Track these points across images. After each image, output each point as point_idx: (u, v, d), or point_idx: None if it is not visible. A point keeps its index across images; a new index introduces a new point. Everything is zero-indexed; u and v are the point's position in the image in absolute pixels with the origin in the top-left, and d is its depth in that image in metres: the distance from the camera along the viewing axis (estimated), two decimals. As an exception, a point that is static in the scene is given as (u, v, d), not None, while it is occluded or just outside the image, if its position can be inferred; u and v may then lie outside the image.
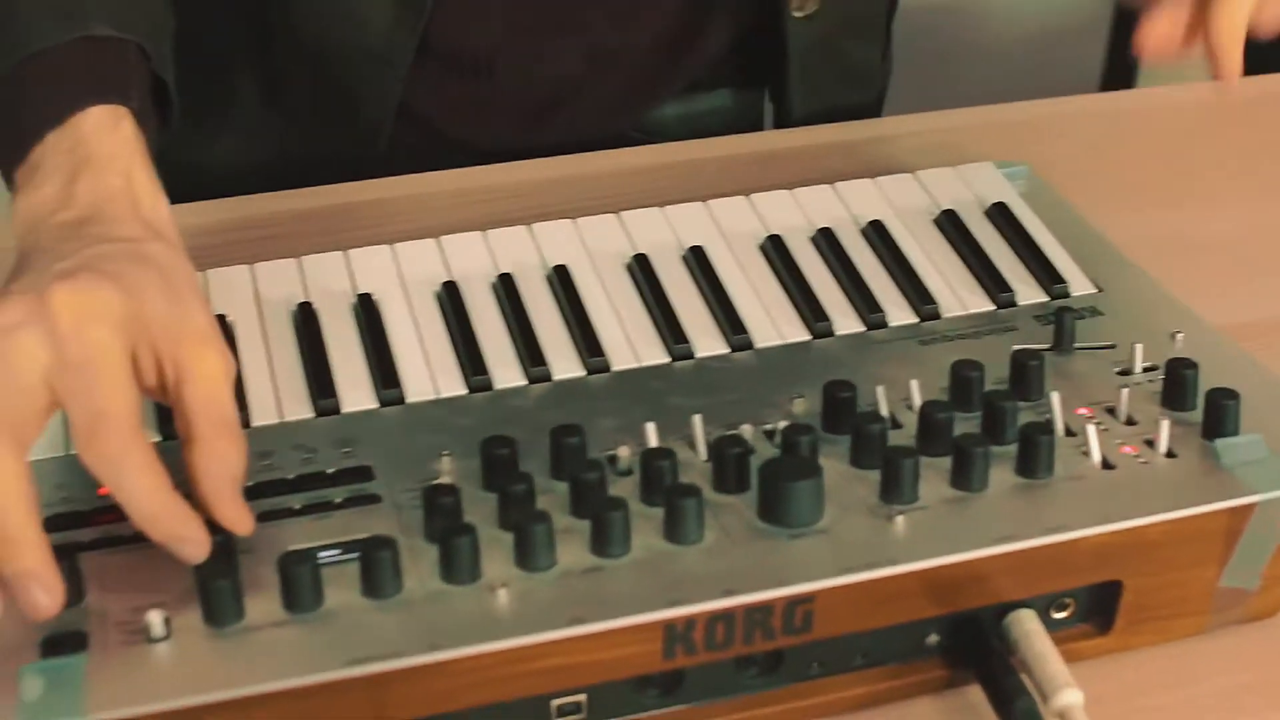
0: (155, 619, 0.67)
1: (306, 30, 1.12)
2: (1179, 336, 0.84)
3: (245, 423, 0.80)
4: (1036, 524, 0.72)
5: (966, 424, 0.77)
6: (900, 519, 0.72)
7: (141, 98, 0.82)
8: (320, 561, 0.69)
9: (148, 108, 0.83)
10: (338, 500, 0.74)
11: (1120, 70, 1.89)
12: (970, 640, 0.74)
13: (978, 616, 0.74)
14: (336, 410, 0.81)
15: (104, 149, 0.78)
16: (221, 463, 0.70)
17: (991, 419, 0.77)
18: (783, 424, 0.77)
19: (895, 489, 0.73)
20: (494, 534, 0.71)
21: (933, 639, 0.75)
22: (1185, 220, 1.05)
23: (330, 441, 0.79)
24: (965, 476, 0.74)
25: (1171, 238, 1.00)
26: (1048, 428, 0.75)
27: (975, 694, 0.75)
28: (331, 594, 0.69)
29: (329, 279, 0.89)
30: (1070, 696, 0.71)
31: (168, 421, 0.77)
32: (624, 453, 0.76)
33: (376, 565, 0.68)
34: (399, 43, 1.10)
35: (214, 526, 0.69)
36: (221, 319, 0.85)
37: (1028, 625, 0.74)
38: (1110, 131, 1.14)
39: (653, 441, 0.76)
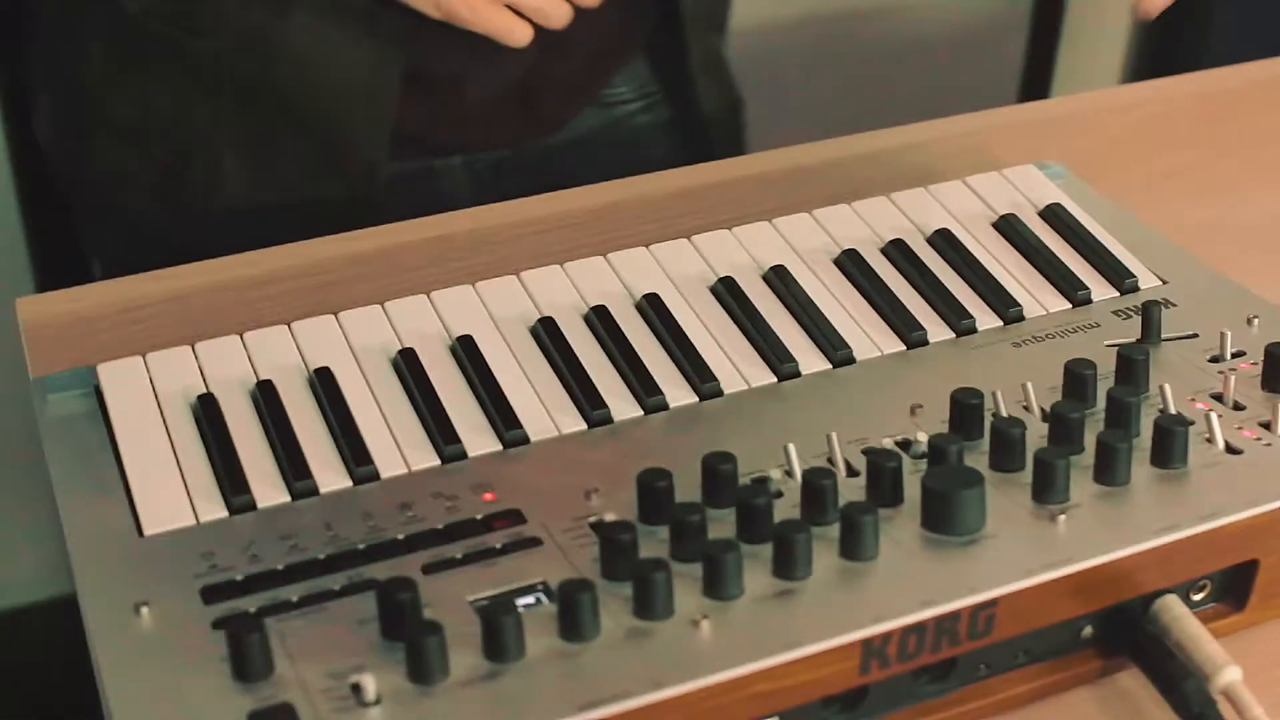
0: (368, 684, 0.66)
1: (292, 86, 1.12)
2: (1256, 321, 0.87)
3: (375, 475, 0.79)
4: (1188, 514, 0.75)
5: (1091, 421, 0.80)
6: (1061, 519, 0.74)
7: None
8: (517, 610, 0.69)
9: None
10: (498, 546, 0.75)
11: (1040, 71, 1.94)
12: (1125, 629, 0.77)
13: (1126, 606, 0.77)
14: (463, 455, 0.81)
15: None
16: None
17: (1116, 414, 0.79)
18: (911, 436, 0.79)
19: (1048, 490, 0.75)
20: (674, 567, 0.72)
21: (1087, 631, 0.77)
22: (1217, 209, 1.09)
23: (468, 487, 0.79)
24: (1110, 472, 0.76)
25: (1208, 226, 1.03)
26: (1183, 419, 0.77)
27: (1127, 680, 0.78)
28: (530, 641, 0.69)
29: (421, 322, 0.88)
30: (1231, 674, 0.74)
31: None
32: (776, 474, 0.77)
33: (577, 608, 0.69)
34: (385, 75, 1.11)
35: (385, 592, 0.69)
36: (326, 370, 0.84)
37: (1176, 610, 0.76)
38: (1128, 126, 1.17)
39: (798, 462, 0.78)
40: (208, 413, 0.82)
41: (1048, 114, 1.18)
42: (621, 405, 0.83)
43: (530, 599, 0.71)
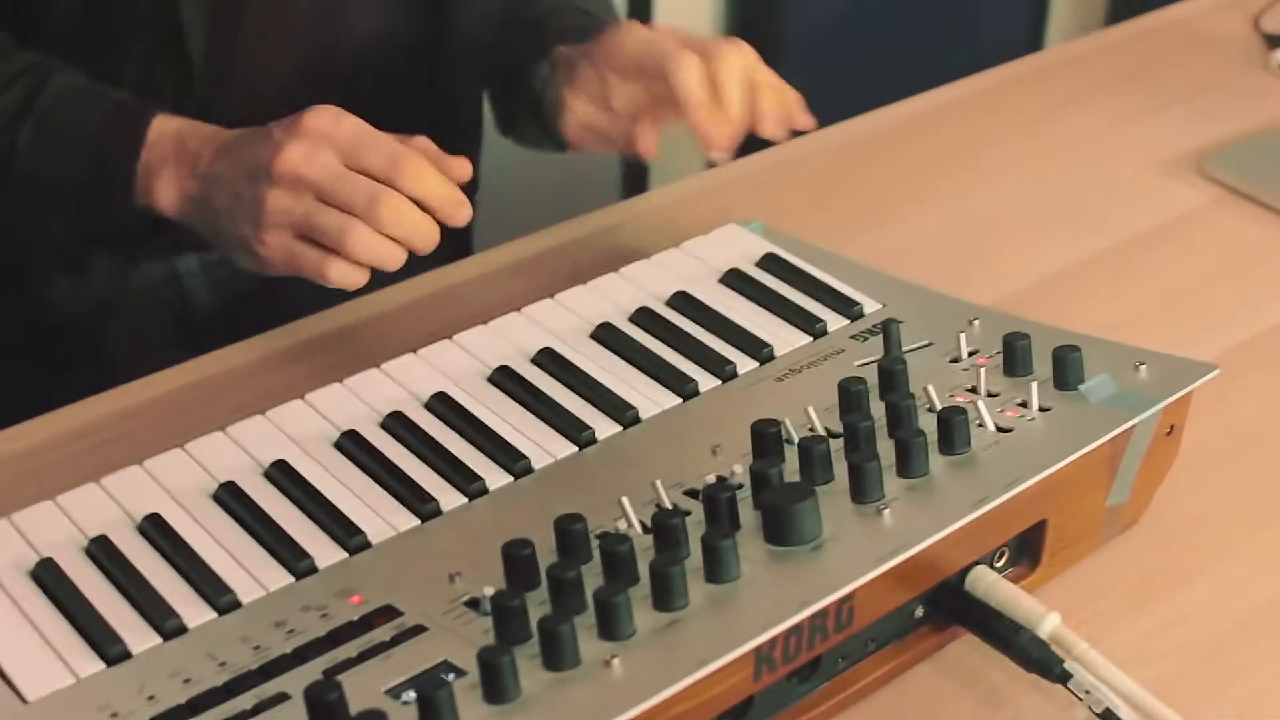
0: (330, 778, 0.69)
1: None
2: (976, 322, 0.98)
3: (237, 602, 0.81)
4: (988, 488, 0.84)
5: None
6: (885, 513, 0.82)
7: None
8: (449, 683, 0.72)
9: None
10: (388, 639, 0.78)
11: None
12: (950, 604, 0.86)
13: (947, 583, 0.86)
14: (314, 569, 0.83)
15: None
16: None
17: (898, 416, 0.88)
18: (722, 473, 0.86)
19: (866, 491, 0.83)
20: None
21: (919, 612, 0.86)
22: (891, 234, 1.21)
23: (332, 595, 0.81)
24: (910, 466, 0.85)
25: (890, 251, 1.15)
26: (960, 409, 0.87)
27: (956, 649, 0.87)
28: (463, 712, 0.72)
29: (227, 457, 0.90)
30: (1053, 620, 0.83)
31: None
32: (621, 526, 0.83)
33: (500, 671, 0.72)
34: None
35: (315, 696, 0.71)
36: (155, 515, 0.86)
37: (989, 578, 0.86)
38: (796, 179, 1.29)
39: (633, 513, 0.83)
40: (50, 575, 0.82)
41: (710, 183, 1.28)
42: (446, 497, 0.88)
43: (446, 676, 0.75)
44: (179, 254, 1.25)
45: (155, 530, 0.85)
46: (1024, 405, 0.90)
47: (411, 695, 0.73)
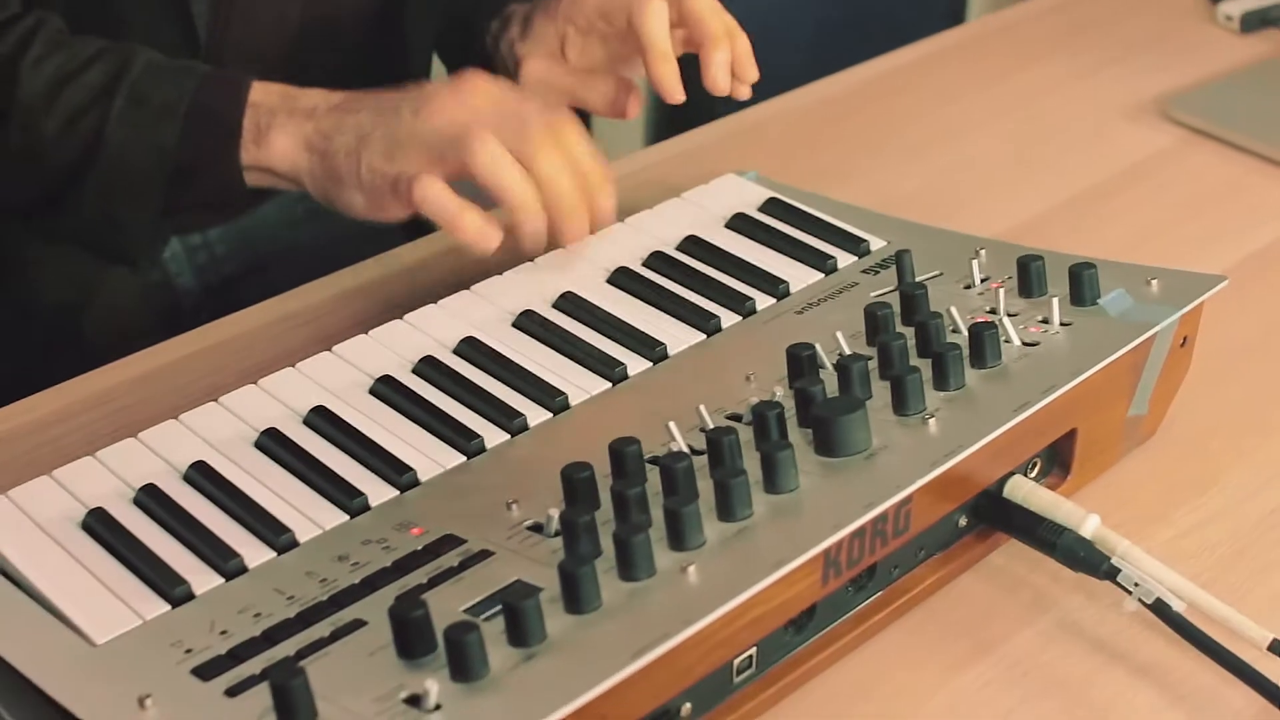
0: (431, 689, 0.69)
1: None
2: (982, 251, 1.00)
3: (294, 541, 0.81)
4: (1023, 396, 0.86)
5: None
6: (931, 422, 0.84)
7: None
8: (538, 590, 0.73)
9: None
10: (456, 564, 0.78)
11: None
12: (992, 512, 0.87)
13: (987, 492, 0.87)
14: (368, 506, 0.83)
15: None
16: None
17: (927, 333, 0.90)
18: (760, 398, 0.87)
19: (908, 402, 0.85)
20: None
21: (963, 521, 0.87)
22: (870, 186, 1.24)
23: (391, 528, 0.82)
24: (947, 379, 0.87)
25: (870, 202, 1.16)
26: (990, 324, 0.89)
27: (998, 558, 0.89)
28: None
29: (268, 407, 0.90)
30: (1093, 520, 0.86)
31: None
32: (673, 445, 0.84)
33: (580, 582, 0.73)
34: None
35: (399, 614, 0.72)
36: (201, 462, 0.86)
37: (1026, 486, 0.88)
38: (756, 138, 1.31)
39: (680, 436, 0.84)
40: (102, 524, 0.82)
41: (694, 143, 1.30)
42: (489, 433, 0.88)
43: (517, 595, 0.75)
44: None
45: (203, 476, 0.85)
46: (1045, 322, 0.92)
47: (494, 609, 0.74)
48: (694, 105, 1.09)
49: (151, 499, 0.84)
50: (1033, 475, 0.90)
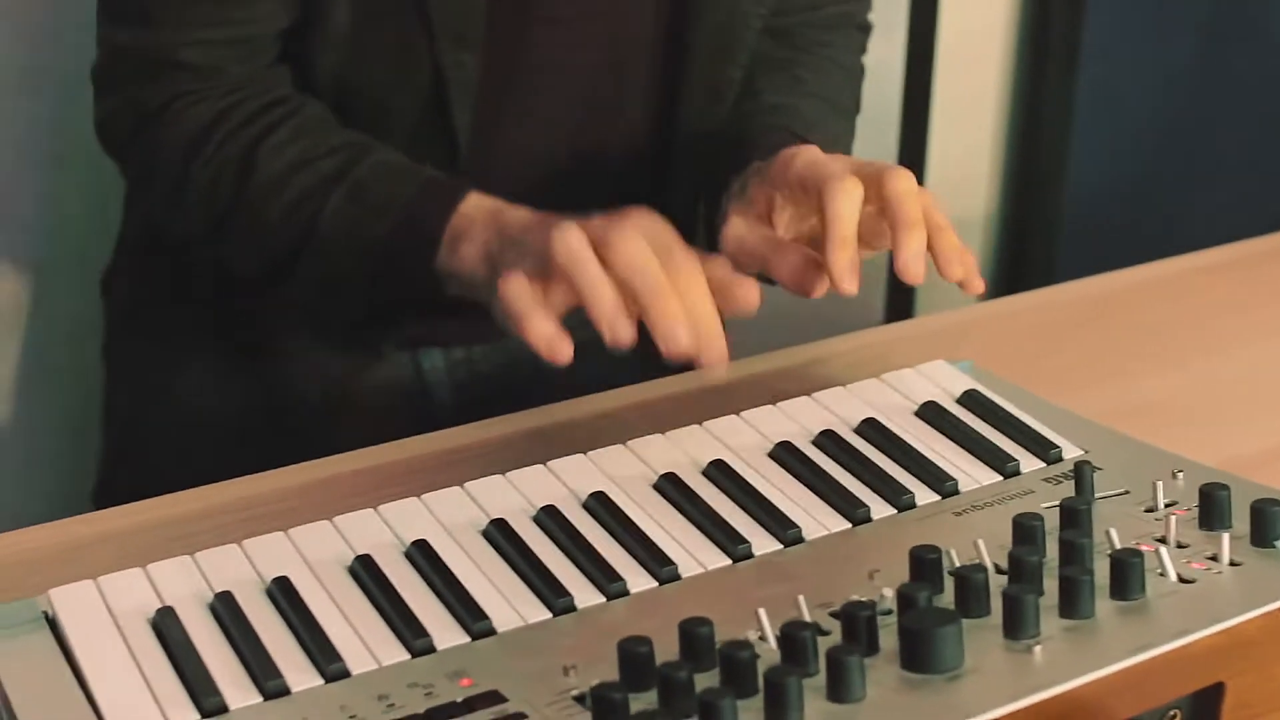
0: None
1: None
2: (1180, 474, 0.91)
3: (345, 671, 0.79)
4: (1152, 636, 0.77)
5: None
6: (1037, 650, 0.76)
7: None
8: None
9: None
10: (487, 725, 0.74)
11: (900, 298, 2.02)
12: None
13: (1106, 740, 0.78)
14: (432, 648, 0.80)
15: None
16: None
17: (1070, 553, 0.82)
18: (873, 597, 0.81)
19: (1019, 626, 0.77)
20: (668, 721, 0.72)
21: (1070, 767, 0.78)
22: (1110, 392, 1.15)
23: (442, 675, 0.78)
24: (1074, 606, 0.78)
25: (1106, 410, 1.08)
26: (1136, 551, 0.80)
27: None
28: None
29: (372, 534, 0.89)
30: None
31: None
32: (752, 637, 0.78)
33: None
34: None
35: None
36: (284, 579, 0.84)
37: (1154, 739, 0.78)
38: (1011, 331, 1.24)
39: (769, 626, 0.78)
40: (167, 624, 0.81)
41: (930, 327, 1.24)
42: (584, 594, 0.84)
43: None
44: (424, 347, 1.26)
45: (282, 592, 0.84)
46: (1213, 559, 0.83)
47: (489, 777, 0.70)
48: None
49: (224, 606, 0.83)
50: (1171, 728, 0.80)
